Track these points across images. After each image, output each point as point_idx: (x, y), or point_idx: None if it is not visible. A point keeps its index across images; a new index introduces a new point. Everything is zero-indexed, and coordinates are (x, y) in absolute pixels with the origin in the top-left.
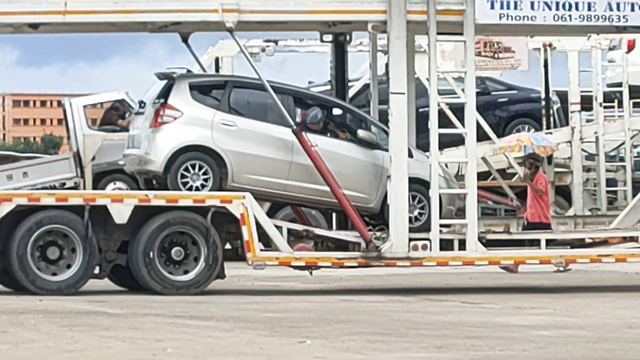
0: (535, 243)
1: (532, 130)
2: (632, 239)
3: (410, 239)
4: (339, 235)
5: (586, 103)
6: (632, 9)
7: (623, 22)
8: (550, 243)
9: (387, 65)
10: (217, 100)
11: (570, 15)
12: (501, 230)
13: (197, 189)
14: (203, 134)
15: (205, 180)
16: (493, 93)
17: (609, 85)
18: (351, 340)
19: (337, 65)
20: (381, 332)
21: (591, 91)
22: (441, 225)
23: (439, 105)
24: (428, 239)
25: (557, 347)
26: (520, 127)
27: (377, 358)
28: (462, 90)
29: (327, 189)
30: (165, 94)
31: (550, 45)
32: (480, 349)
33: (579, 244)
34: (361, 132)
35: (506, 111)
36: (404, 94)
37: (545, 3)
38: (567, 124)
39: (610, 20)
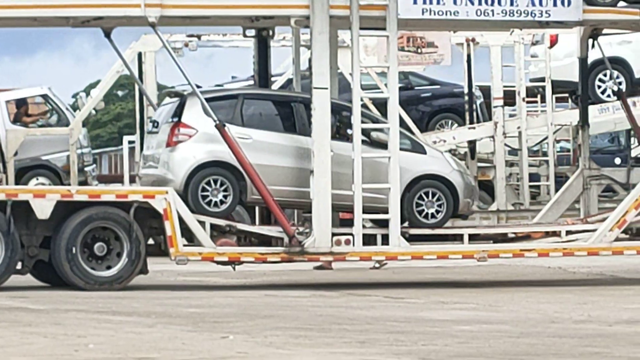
0: (458, 238)
1: (455, 125)
2: (554, 233)
3: (333, 234)
4: (262, 230)
5: (509, 98)
6: (555, 4)
7: (545, 17)
8: (473, 238)
9: (310, 60)
10: (231, 114)
11: (492, 10)
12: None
13: (217, 204)
14: (219, 149)
15: (225, 194)
16: (416, 88)
17: (531, 80)
18: (274, 335)
19: (260, 60)
20: (304, 327)
21: (514, 86)
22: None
23: (362, 100)
24: (351, 234)
25: (480, 341)
26: (444, 122)
27: (300, 353)
28: (385, 85)
29: (349, 192)
30: (178, 112)
31: (473, 40)
32: (403, 343)
33: (502, 238)
34: (374, 134)
35: (429, 106)
36: (326, 88)
37: None
38: (490, 119)
39: (533, 15)
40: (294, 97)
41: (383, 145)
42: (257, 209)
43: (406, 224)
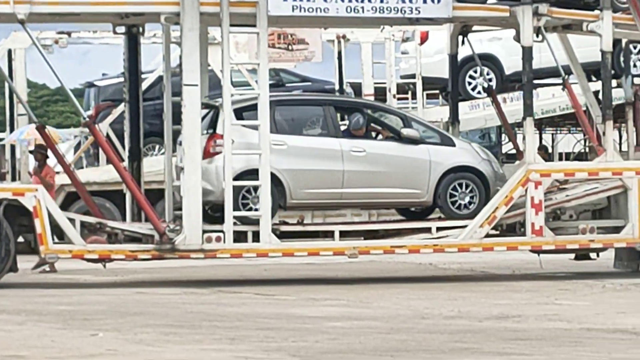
0: (329, 234)
1: None
2: (425, 230)
3: (204, 231)
4: (133, 227)
5: (380, 95)
6: (425, 1)
7: (415, 14)
8: (344, 234)
9: (180, 57)
10: None
11: (363, 7)
12: (295, 222)
13: (257, 210)
14: (256, 157)
15: None
16: (287, 85)
17: (402, 77)
18: (144, 332)
19: (130, 58)
20: (174, 324)
21: (385, 83)
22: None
23: (232, 97)
24: (222, 231)
25: (350, 338)
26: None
27: (170, 350)
28: (256, 82)
29: (382, 190)
30: (212, 124)
31: (343, 37)
32: (273, 340)
33: (373, 235)
34: (404, 131)
35: None
36: (197, 85)
37: None
38: None
39: (403, 12)
40: (323, 100)
41: (413, 142)
42: (127, 206)
43: (276, 221)
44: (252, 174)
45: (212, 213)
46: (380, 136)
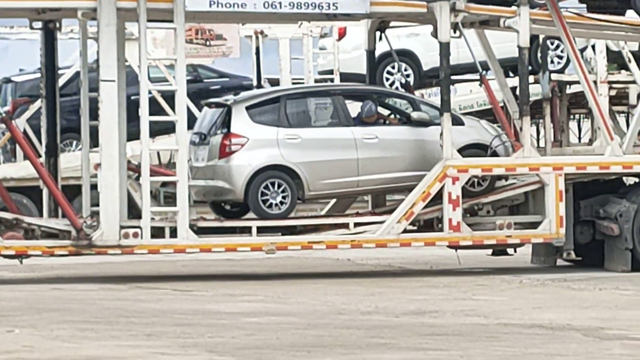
0: (246, 230)
1: None
2: (343, 225)
3: (122, 227)
4: (50, 223)
5: None
6: None
7: (333, 9)
8: (261, 230)
9: (97, 53)
10: (276, 116)
11: (280, 3)
12: (213, 218)
13: (278, 205)
14: (272, 153)
15: (284, 195)
16: (205, 80)
17: (320, 73)
18: (60, 328)
19: (47, 53)
20: (91, 321)
21: (303, 79)
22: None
23: (150, 92)
24: (139, 227)
25: (267, 333)
26: None
27: (86, 346)
28: (174, 77)
29: (398, 174)
30: (226, 123)
31: (261, 32)
32: (189, 336)
33: (291, 230)
34: (414, 114)
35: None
36: (114, 81)
37: None
38: None
39: (321, 7)
40: (332, 90)
41: (424, 124)
42: (44, 202)
43: (195, 216)
44: (272, 169)
45: (230, 208)
46: (387, 122)
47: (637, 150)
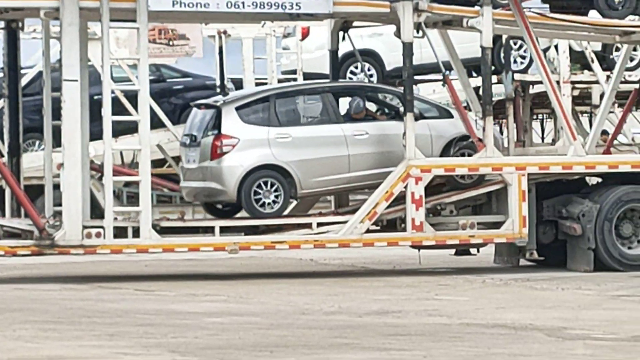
0: (209, 230)
1: None
2: (306, 225)
3: (84, 227)
4: (12, 223)
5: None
6: None
7: (296, 9)
8: (224, 230)
9: (60, 52)
10: (266, 116)
11: (243, 3)
12: (176, 218)
13: (271, 204)
14: (263, 153)
15: (277, 194)
16: (168, 80)
17: (283, 73)
18: (23, 329)
19: (10, 53)
20: (53, 321)
21: (266, 78)
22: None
23: (113, 92)
24: (102, 227)
25: (230, 333)
26: None
27: (49, 347)
28: (137, 77)
29: (388, 169)
30: (217, 124)
31: (225, 32)
32: (152, 336)
33: (254, 230)
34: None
35: (181, 98)
36: (77, 81)
37: None
38: None
39: (284, 7)
40: (321, 88)
41: (416, 117)
42: (6, 202)
43: (158, 216)
44: (264, 169)
45: (223, 207)
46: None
47: (600, 150)
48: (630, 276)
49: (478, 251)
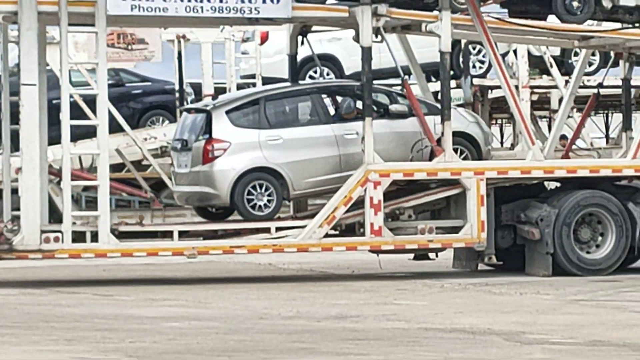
0: (168, 235)
1: (166, 122)
2: (264, 230)
3: (43, 231)
4: None
5: (220, 95)
6: (264, 1)
7: (255, 14)
8: (183, 234)
9: (18, 57)
10: (256, 119)
11: (202, 7)
12: (134, 222)
13: (263, 206)
14: (255, 156)
15: (270, 197)
16: (127, 85)
17: (242, 77)
18: None
19: None
20: (11, 326)
21: (225, 83)
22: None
23: (71, 96)
24: (60, 231)
25: (188, 338)
26: (155, 119)
27: (6, 351)
28: (95, 81)
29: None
30: (207, 128)
31: (183, 36)
32: (111, 341)
33: (212, 235)
34: (392, 107)
35: (140, 103)
36: (35, 85)
37: None
38: None
39: (242, 12)
40: (310, 89)
41: (402, 116)
42: None
43: (117, 221)
44: (256, 171)
45: (216, 210)
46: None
47: (559, 155)
48: (589, 281)
49: (437, 256)
